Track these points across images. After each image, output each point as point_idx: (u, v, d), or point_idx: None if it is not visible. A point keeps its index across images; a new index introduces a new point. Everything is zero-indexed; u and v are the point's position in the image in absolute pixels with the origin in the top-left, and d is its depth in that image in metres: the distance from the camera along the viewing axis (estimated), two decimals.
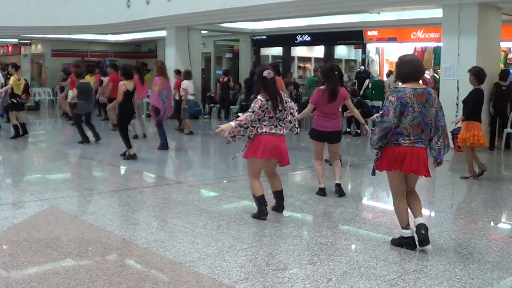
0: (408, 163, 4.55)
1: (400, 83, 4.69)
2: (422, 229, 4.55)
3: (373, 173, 4.82)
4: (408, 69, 4.60)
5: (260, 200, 5.55)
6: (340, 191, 6.66)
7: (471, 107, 7.94)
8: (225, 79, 16.95)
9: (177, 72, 14.33)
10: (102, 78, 15.86)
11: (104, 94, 14.99)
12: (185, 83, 12.93)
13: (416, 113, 4.49)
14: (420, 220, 4.62)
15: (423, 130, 4.54)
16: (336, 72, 6.64)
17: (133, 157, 9.14)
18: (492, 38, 11.19)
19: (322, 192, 6.70)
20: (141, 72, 12.48)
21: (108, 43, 25.28)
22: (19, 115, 11.86)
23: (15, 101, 11.74)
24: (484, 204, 6.86)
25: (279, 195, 5.84)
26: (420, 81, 4.76)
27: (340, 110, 6.96)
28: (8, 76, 13.33)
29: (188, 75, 13.43)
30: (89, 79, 20.15)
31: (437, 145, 4.59)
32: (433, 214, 6.16)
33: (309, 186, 7.36)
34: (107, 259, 4.45)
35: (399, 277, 4.03)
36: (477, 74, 7.93)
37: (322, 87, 6.63)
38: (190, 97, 13.01)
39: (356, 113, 7.12)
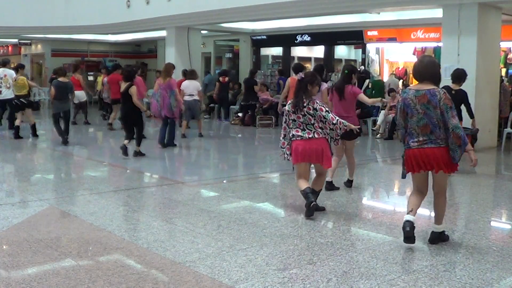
0: (423, 164, 4.63)
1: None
2: (430, 237, 4.85)
3: (403, 176, 4.89)
4: (416, 69, 4.67)
5: (304, 191, 5.70)
6: (348, 185, 7.21)
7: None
8: (226, 79, 16.93)
9: (183, 72, 14.20)
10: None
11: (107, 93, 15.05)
12: (184, 84, 12.70)
13: (421, 115, 4.53)
14: (434, 227, 4.88)
15: (432, 131, 4.54)
16: (346, 72, 6.97)
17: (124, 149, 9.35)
18: (492, 38, 11.18)
19: (327, 185, 6.95)
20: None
21: (108, 43, 25.25)
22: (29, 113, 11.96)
23: (19, 102, 11.81)
24: (484, 204, 6.86)
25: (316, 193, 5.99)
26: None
27: (354, 107, 7.07)
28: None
29: (189, 75, 12.84)
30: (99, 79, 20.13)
31: (452, 146, 4.54)
32: (433, 214, 6.15)
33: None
34: (107, 259, 4.44)
35: (399, 277, 4.03)
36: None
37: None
38: (186, 98, 12.19)
39: (368, 101, 7.32)
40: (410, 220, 4.64)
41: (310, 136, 5.63)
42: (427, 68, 4.58)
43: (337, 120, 5.63)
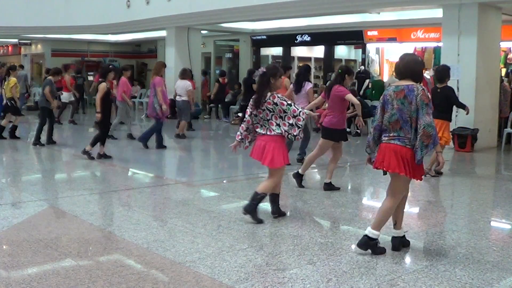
0: (381, 158, 4.49)
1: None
2: (360, 241, 4.55)
3: (384, 173, 4.72)
4: (396, 67, 4.65)
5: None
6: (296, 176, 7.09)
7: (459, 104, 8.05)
8: (226, 80, 16.91)
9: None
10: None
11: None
12: (176, 83, 12.55)
13: (395, 110, 4.43)
14: (367, 230, 4.54)
15: (402, 127, 4.41)
16: (339, 71, 6.95)
17: (90, 155, 9.18)
18: (492, 38, 11.18)
19: (325, 186, 7.00)
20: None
21: (108, 43, 25.26)
22: (9, 117, 11.85)
23: (9, 103, 11.77)
24: (484, 204, 6.86)
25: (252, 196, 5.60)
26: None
27: (340, 108, 6.89)
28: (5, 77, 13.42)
29: (181, 74, 12.57)
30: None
31: (417, 145, 4.34)
32: (433, 214, 6.16)
33: (309, 186, 7.35)
34: (107, 259, 4.44)
35: (399, 277, 4.03)
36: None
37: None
38: (177, 98, 12.14)
39: (354, 101, 6.96)
40: (396, 236, 4.64)
41: (263, 132, 5.43)
42: (407, 66, 4.52)
43: (299, 111, 5.32)
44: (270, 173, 5.54)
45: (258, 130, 5.47)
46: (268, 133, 5.39)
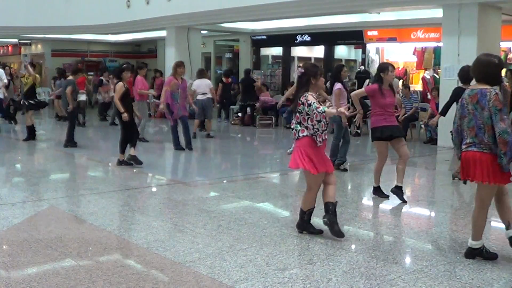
0: (463, 168, 4.37)
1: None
2: (466, 251, 4.50)
3: (464, 182, 4.58)
4: (471, 68, 4.48)
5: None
6: (396, 193, 6.48)
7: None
8: (229, 79, 16.90)
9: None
10: (101, 77, 15.91)
11: (103, 94, 15.19)
12: (195, 83, 12.65)
13: (471, 115, 4.27)
14: (469, 243, 4.49)
15: (476, 134, 4.24)
16: (377, 71, 6.69)
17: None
18: (492, 38, 11.18)
19: (374, 190, 6.72)
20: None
21: (108, 43, 25.27)
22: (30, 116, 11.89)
23: (27, 102, 11.83)
24: None
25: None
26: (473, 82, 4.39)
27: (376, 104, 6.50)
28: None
29: (198, 74, 12.79)
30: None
31: (498, 152, 4.14)
32: (433, 214, 6.16)
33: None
34: (107, 259, 4.45)
35: (399, 277, 4.03)
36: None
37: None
38: (200, 97, 12.19)
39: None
40: None
41: (295, 137, 5.01)
42: (479, 68, 4.33)
43: (315, 108, 4.80)
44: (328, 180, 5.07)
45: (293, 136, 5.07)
46: (300, 134, 4.94)
